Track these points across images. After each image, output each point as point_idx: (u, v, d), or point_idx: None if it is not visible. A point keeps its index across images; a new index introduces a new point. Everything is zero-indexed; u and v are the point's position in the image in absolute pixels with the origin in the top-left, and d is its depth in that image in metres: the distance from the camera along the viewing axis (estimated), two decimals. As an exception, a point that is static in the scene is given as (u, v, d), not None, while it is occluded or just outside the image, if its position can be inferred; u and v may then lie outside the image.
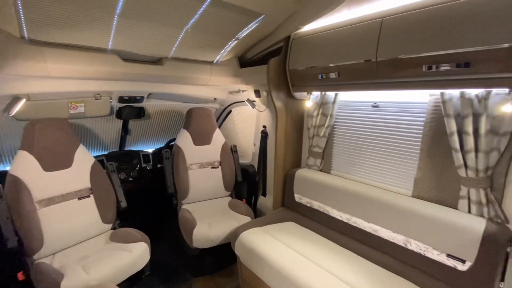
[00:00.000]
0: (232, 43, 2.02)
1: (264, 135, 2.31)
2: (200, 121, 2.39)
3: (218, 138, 2.47)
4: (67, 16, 1.34)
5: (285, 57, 1.99)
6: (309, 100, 2.05)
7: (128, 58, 1.85)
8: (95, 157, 1.94)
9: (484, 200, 1.31)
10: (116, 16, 1.41)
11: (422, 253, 1.43)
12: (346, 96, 1.93)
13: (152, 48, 1.83)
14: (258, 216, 2.21)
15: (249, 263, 1.73)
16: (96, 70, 1.75)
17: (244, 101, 2.46)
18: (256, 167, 2.54)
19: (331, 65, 1.69)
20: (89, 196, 1.80)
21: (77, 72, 1.70)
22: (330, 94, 1.95)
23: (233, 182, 2.47)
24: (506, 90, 1.17)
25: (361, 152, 1.88)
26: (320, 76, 1.78)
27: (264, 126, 2.31)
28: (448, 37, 1.20)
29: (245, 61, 2.35)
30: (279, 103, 2.09)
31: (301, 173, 2.14)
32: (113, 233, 1.81)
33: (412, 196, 1.60)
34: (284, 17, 1.69)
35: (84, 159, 1.83)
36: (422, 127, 1.53)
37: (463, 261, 1.29)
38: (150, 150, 2.63)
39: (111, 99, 2.09)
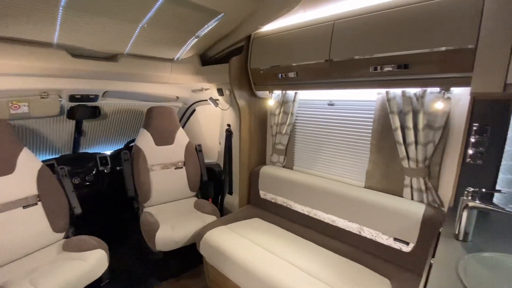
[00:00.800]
0: (193, 41, 2.00)
1: (229, 133, 2.32)
2: (161, 120, 2.32)
3: (181, 137, 2.42)
4: (5, 6, 1.21)
5: (247, 56, 2.02)
6: (271, 99, 2.11)
7: (78, 54, 1.72)
8: (44, 161, 1.78)
9: (423, 188, 1.47)
10: (60, 8, 1.31)
11: (374, 239, 1.56)
12: (305, 95, 2.02)
13: (105, 44, 1.73)
14: (225, 215, 2.22)
15: (215, 262, 1.73)
16: (42, 66, 1.61)
17: (207, 100, 2.44)
18: (222, 166, 2.54)
19: (289, 64, 1.76)
20: (36, 204, 1.65)
21: (19, 68, 1.55)
22: (290, 93, 2.02)
23: (199, 182, 2.45)
24: (438, 89, 1.32)
25: (320, 148, 1.98)
26: (280, 76, 1.84)
27: (229, 125, 2.32)
28: (390, 40, 1.31)
29: (207, 59, 2.33)
30: (242, 101, 2.11)
31: (265, 170, 2.19)
32: (66, 242, 1.68)
33: (364, 187, 1.73)
34: (243, 16, 1.71)
35: (29, 163, 1.67)
36: (372, 123, 1.66)
37: (407, 243, 1.43)
38: (108, 152, 2.48)
39: (60, 98, 1.93)
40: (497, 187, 1.25)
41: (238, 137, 2.18)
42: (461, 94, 1.33)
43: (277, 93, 2.10)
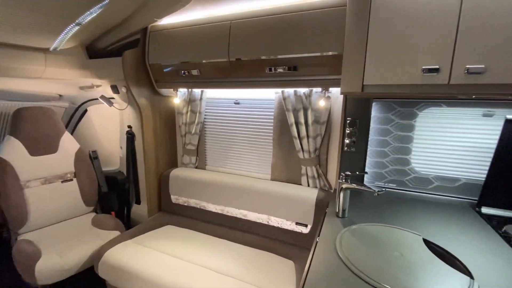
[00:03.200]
0: (73, 29, 1.67)
1: (131, 136, 2.08)
2: (35, 124, 1.87)
3: (68, 144, 2.02)
4: None
5: (144, 50, 1.84)
6: (177, 97, 2.00)
7: None
8: None
9: (316, 175, 1.69)
10: None
11: (280, 226, 1.70)
12: (212, 93, 2.00)
13: None
14: (133, 227, 1.99)
15: (120, 284, 1.53)
16: None
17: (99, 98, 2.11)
18: (126, 173, 2.26)
19: (192, 62, 1.70)
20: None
21: None
22: (197, 91, 1.97)
23: (96, 194, 2.11)
24: (320, 89, 1.53)
25: (230, 145, 2.02)
26: (182, 73, 1.76)
27: (130, 126, 2.08)
28: (281, 44, 1.43)
29: (96, 51, 2.01)
30: (143, 100, 1.92)
31: (175, 173, 2.07)
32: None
33: (271, 180, 1.86)
34: (133, 7, 1.54)
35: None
36: (272, 120, 1.79)
37: (306, 225, 1.62)
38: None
39: None
40: (366, 169, 1.55)
41: (141, 139, 1.98)
42: (337, 93, 1.58)
43: (183, 91, 2.00)
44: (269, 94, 1.78)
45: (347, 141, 1.52)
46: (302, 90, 1.60)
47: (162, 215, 2.09)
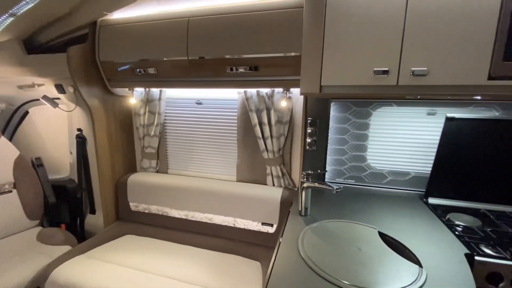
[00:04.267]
0: (7, 20, 1.47)
1: (81, 140, 1.89)
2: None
3: (5, 150, 1.78)
4: None
5: (93, 46, 1.68)
6: (133, 97, 1.87)
7: None
8: None
9: (280, 174, 1.70)
10: None
11: (246, 228, 1.69)
12: (172, 93, 1.91)
13: None
14: (88, 239, 1.81)
15: (70, 303, 1.38)
16: None
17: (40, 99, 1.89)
18: (77, 180, 2.05)
19: (148, 60, 1.60)
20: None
21: None
22: (155, 91, 1.86)
23: (42, 206, 1.89)
24: (281, 89, 1.54)
25: (193, 147, 1.94)
26: (138, 71, 1.64)
27: (80, 129, 1.89)
28: (242, 44, 1.41)
29: (37, 46, 1.79)
30: (94, 100, 1.76)
31: (134, 178, 1.94)
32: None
33: (236, 181, 1.83)
34: (77, -2, 1.40)
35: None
36: (236, 121, 1.77)
37: (272, 225, 1.63)
38: None
39: None
40: (327, 166, 1.60)
41: (94, 143, 1.82)
42: (298, 94, 1.61)
43: (140, 90, 1.88)
44: (232, 94, 1.76)
45: (308, 140, 1.56)
46: (265, 90, 1.60)
47: (120, 225, 1.94)
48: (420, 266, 0.84)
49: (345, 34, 1.09)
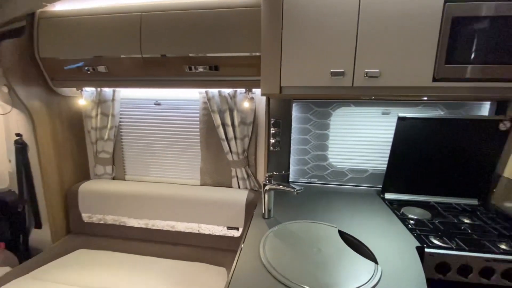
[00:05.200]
0: None
1: (21, 146, 1.67)
2: None
3: None
4: None
5: (32, 41, 1.49)
6: (82, 98, 1.70)
7: None
8: None
9: (245, 176, 1.67)
10: None
11: (211, 233, 1.63)
12: (127, 93, 1.77)
13: None
14: (33, 257, 1.61)
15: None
16: None
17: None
18: (18, 192, 1.82)
19: (97, 57, 1.46)
20: None
21: None
22: (108, 91, 1.71)
23: (-28, 223, 1.64)
24: (244, 90, 1.51)
25: (153, 151, 1.83)
26: (86, 69, 1.49)
27: (19, 134, 1.67)
28: (200, 42, 1.34)
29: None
30: (34, 102, 1.57)
31: (86, 187, 1.77)
32: None
33: (200, 185, 1.76)
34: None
35: None
36: (198, 122, 1.70)
37: (237, 228, 1.59)
38: None
39: None
40: (291, 166, 1.61)
41: (36, 149, 1.62)
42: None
43: (90, 90, 1.72)
44: (194, 94, 1.68)
45: (272, 140, 1.55)
46: (227, 91, 1.55)
47: (71, 238, 1.76)
48: (376, 262, 0.87)
49: (303, 35, 1.09)
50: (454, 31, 1.00)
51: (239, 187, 1.70)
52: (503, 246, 0.98)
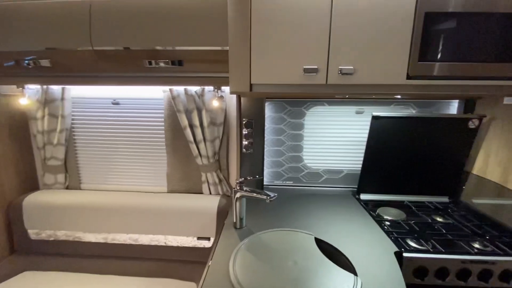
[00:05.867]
0: None
1: None
2: None
3: None
4: None
5: (-47, 29, 1.25)
6: (24, 97, 1.47)
7: None
8: None
9: (217, 180, 1.55)
10: None
11: (180, 245, 1.49)
12: (79, 91, 1.57)
13: None
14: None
15: None
16: None
17: None
18: None
19: (40, 49, 1.25)
20: None
21: None
22: (56, 89, 1.50)
23: None
24: (211, 88, 1.39)
25: (113, 156, 1.64)
26: (26, 64, 1.28)
27: None
28: (161, 34, 1.20)
29: None
30: (-39, 102, 1.32)
31: (33, 199, 1.54)
32: None
33: (167, 192, 1.61)
34: None
35: None
36: (163, 123, 1.55)
37: (209, 238, 1.47)
38: None
39: None
40: (265, 169, 1.52)
41: (-35, 159, 1.37)
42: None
43: (34, 88, 1.49)
44: (156, 93, 1.53)
45: (245, 142, 1.45)
46: (194, 89, 1.43)
47: (16, 259, 1.52)
48: (355, 274, 0.80)
49: (273, 29, 1.00)
50: (426, 27, 0.97)
51: (210, 193, 1.58)
52: (476, 245, 0.97)
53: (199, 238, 1.47)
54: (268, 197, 0.95)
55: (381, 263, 0.86)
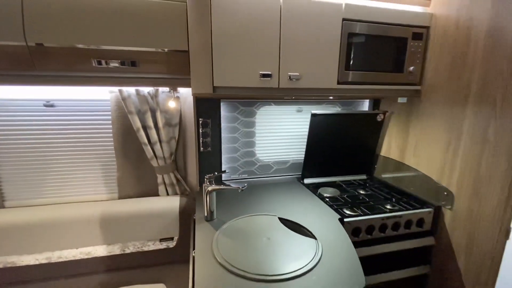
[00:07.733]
0: None
1: None
2: None
3: None
4: None
5: None
6: None
7: None
8: None
9: (174, 181, 1.57)
10: None
11: (141, 250, 1.45)
12: (3, 92, 1.33)
13: None
14: None
15: None
16: None
17: None
18: None
19: None
20: None
21: None
22: (-37, 90, 1.23)
23: None
24: (167, 89, 1.40)
25: (47, 165, 1.45)
26: None
27: None
28: (112, 32, 1.15)
29: None
30: None
31: None
32: None
33: (118, 198, 1.53)
34: None
35: None
36: (110, 126, 1.46)
37: (172, 239, 1.48)
38: None
39: None
40: (223, 165, 1.62)
41: None
42: (187, 94, 1.52)
43: None
44: (102, 93, 1.43)
45: (202, 141, 1.52)
46: (146, 89, 1.41)
47: None
48: (315, 238, 1.02)
49: (233, 35, 1.12)
50: (349, 44, 1.26)
51: (167, 194, 1.58)
52: (388, 206, 1.33)
53: (161, 240, 1.47)
54: (240, 187, 1.08)
55: (331, 228, 1.10)
